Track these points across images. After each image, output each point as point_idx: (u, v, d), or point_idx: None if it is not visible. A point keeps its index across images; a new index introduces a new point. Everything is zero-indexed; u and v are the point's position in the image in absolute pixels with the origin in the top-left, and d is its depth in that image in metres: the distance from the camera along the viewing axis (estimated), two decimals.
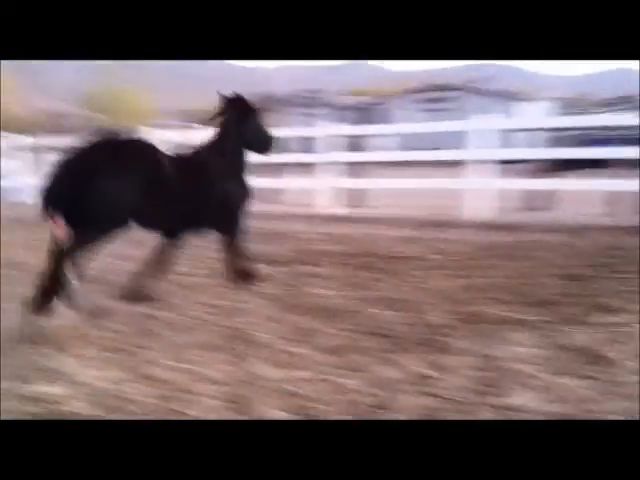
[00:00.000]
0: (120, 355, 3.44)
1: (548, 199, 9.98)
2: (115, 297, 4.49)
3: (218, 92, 4.96)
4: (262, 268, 5.15)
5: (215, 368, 3.22)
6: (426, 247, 6.42)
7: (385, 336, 3.65)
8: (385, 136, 19.72)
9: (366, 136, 13.29)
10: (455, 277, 5.04)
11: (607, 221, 7.95)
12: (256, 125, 5.07)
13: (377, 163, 11.90)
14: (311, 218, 9.06)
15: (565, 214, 8.49)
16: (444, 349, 3.44)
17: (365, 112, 37.56)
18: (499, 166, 8.79)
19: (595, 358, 3.22)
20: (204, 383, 3.02)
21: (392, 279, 5.04)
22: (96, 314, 4.11)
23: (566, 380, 2.97)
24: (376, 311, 4.16)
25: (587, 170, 9.69)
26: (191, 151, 4.82)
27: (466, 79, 31.67)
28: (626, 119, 8.30)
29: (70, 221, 3.93)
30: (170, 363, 3.28)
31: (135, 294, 4.54)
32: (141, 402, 2.82)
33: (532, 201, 10.00)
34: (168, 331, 3.84)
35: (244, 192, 4.90)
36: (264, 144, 5.13)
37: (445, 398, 2.82)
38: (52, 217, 3.88)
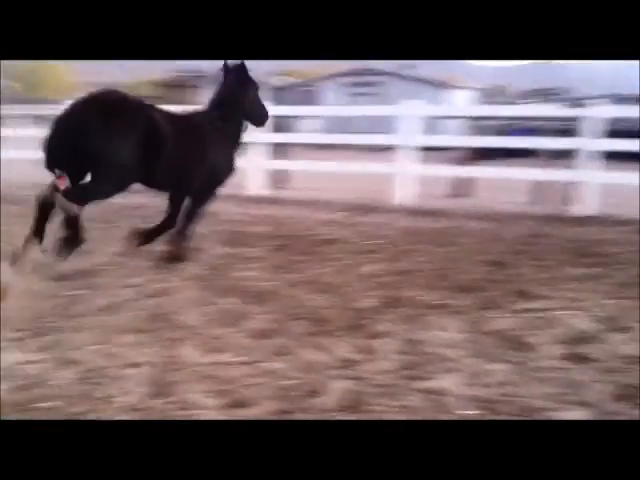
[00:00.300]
0: (42, 337, 3.29)
1: (472, 186, 10.21)
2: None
3: (225, 62, 4.99)
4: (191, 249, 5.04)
5: (139, 352, 3.12)
6: (354, 231, 6.44)
7: (311, 320, 3.64)
8: (312, 119, 19.80)
9: (298, 118, 13.26)
10: (381, 261, 5.08)
11: (530, 209, 8.20)
12: (255, 97, 5.20)
13: (304, 145, 11.86)
14: (241, 199, 8.93)
15: (490, 202, 8.69)
16: (369, 333, 3.46)
17: (294, 94, 37.44)
18: (428, 153, 8.91)
19: (517, 344, 3.32)
20: (128, 367, 2.93)
21: (319, 262, 5.03)
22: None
23: (488, 365, 3.04)
24: (302, 294, 4.14)
25: (511, 159, 9.99)
26: (190, 113, 4.94)
27: (393, 65, 31.88)
28: (548, 110, 8.58)
29: (72, 174, 4.06)
30: (93, 347, 3.16)
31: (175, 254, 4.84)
32: (64, 386, 2.73)
33: (458, 188, 10.22)
34: (91, 313, 3.70)
35: (230, 165, 5.00)
36: (261, 116, 5.29)
37: (370, 382, 2.84)
38: (56, 173, 4.04)
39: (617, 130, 8.21)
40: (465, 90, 33.87)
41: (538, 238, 6.10)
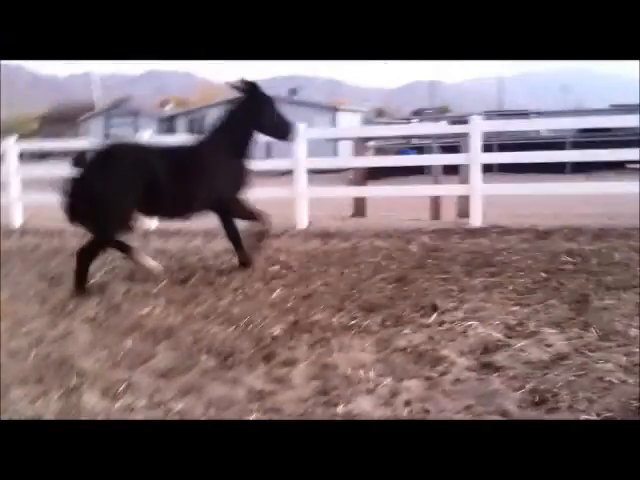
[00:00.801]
0: None
1: (370, 205, 10.35)
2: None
3: (227, 82, 5.43)
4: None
5: (40, 404, 2.88)
6: (257, 257, 6.33)
7: (218, 353, 3.50)
8: None
9: None
10: (287, 286, 5.00)
11: (432, 224, 8.38)
12: (272, 112, 5.47)
13: None
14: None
15: (390, 220, 8.84)
16: (281, 361, 3.37)
17: (180, 122, 37.09)
18: (329, 175, 8.95)
19: (429, 358, 3.32)
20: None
21: (223, 292, 4.88)
22: None
23: (405, 382, 3.02)
24: (208, 327, 3.99)
25: (407, 177, 10.24)
26: (193, 143, 5.47)
27: (285, 90, 32.31)
28: (434, 127, 8.87)
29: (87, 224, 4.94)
30: None
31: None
32: None
33: (358, 208, 10.33)
34: None
35: (242, 179, 5.43)
36: (283, 130, 5.58)
37: (286, 413, 2.74)
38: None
39: (504, 144, 8.66)
40: (351, 112, 34.77)
41: (439, 252, 6.22)
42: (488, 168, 8.56)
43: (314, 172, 8.76)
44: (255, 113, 5.41)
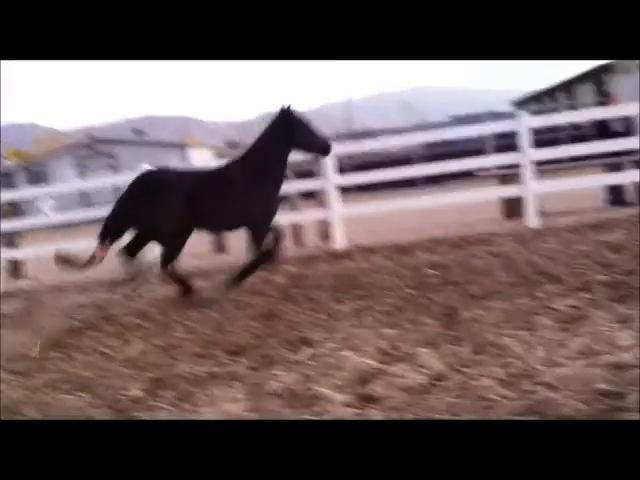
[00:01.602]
0: None
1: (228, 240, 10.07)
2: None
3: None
4: None
5: None
6: (100, 310, 5.86)
7: None
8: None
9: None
10: (143, 339, 4.60)
11: (295, 252, 8.22)
12: (306, 131, 6.01)
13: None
14: None
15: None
16: None
17: (31, 173, 35.19)
18: None
19: (305, 399, 3.09)
20: None
21: (71, 353, 4.41)
22: None
23: None
24: (55, 394, 3.54)
25: None
26: (225, 165, 6.26)
27: (128, 131, 31.49)
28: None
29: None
30: None
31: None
32: None
33: (218, 244, 10.01)
34: None
35: (270, 202, 5.96)
36: (321, 146, 6.11)
37: None
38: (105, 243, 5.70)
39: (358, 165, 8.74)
40: (201, 149, 34.45)
41: (304, 280, 6.05)
42: (346, 189, 8.63)
43: None
44: (288, 133, 5.94)
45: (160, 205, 5.57)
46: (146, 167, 8.47)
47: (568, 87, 31.39)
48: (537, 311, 4.04)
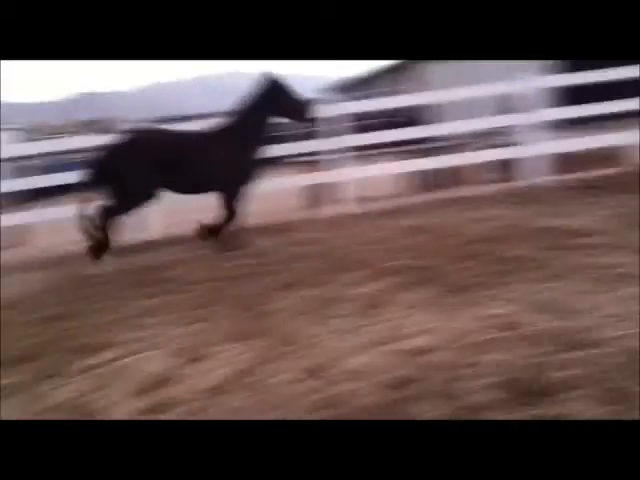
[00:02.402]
0: None
1: (22, 234, 9.21)
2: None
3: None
4: None
5: None
6: None
7: None
8: None
9: None
10: None
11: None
12: (289, 97, 6.24)
13: None
14: None
15: (45, 248, 7.86)
16: None
17: None
18: None
19: (82, 413, 2.78)
20: None
21: None
22: None
23: None
24: None
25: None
26: (213, 128, 6.29)
27: None
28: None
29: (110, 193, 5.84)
30: None
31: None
32: None
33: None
34: None
35: (252, 164, 6.22)
36: (299, 112, 6.32)
37: None
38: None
39: None
40: (6, 131, 31.68)
41: (97, 278, 5.57)
42: None
43: None
44: (271, 100, 6.19)
45: (132, 162, 5.84)
46: None
47: (389, 74, 32.38)
48: (346, 297, 4.03)
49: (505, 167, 9.06)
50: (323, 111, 7.41)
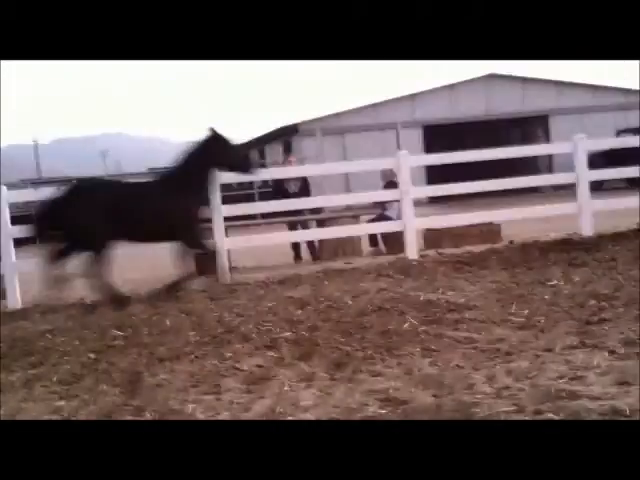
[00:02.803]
0: None
1: None
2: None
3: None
4: None
5: None
6: None
7: None
8: None
9: None
10: None
11: None
12: (230, 150, 6.78)
13: None
14: None
15: None
16: None
17: None
18: None
19: None
20: None
21: None
22: None
23: None
24: None
25: None
26: (156, 178, 7.37)
27: None
28: None
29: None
30: None
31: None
32: None
33: None
34: None
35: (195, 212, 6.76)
36: (244, 165, 7.03)
37: None
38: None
39: None
40: None
41: None
42: None
43: None
44: (213, 153, 6.67)
45: (83, 212, 6.23)
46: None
47: (261, 145, 33.05)
48: (224, 373, 3.97)
49: (386, 240, 9.37)
50: None
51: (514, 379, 3.41)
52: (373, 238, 9.71)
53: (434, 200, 12.29)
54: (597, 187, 9.83)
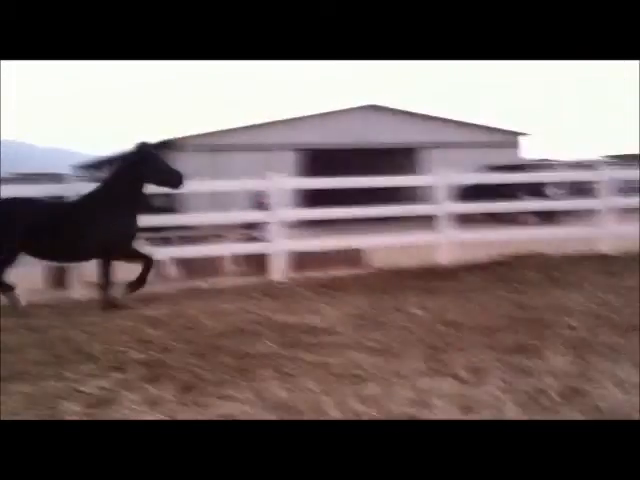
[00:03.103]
0: None
1: None
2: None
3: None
4: None
5: None
6: None
7: None
8: None
9: None
10: None
11: None
12: (158, 164, 6.58)
13: None
14: None
15: None
16: None
17: None
18: None
19: None
20: None
21: None
22: None
23: None
24: None
25: None
26: (80, 197, 6.73)
27: None
28: None
29: None
30: None
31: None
32: None
33: None
34: None
35: (125, 230, 6.50)
36: (172, 180, 6.67)
37: None
38: None
39: None
40: None
41: None
42: None
43: None
44: (142, 167, 6.38)
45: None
46: None
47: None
48: (63, 395, 3.71)
49: (251, 261, 9.31)
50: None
51: (364, 404, 3.42)
52: (239, 259, 9.62)
53: (309, 224, 12.37)
54: (469, 219, 10.30)
